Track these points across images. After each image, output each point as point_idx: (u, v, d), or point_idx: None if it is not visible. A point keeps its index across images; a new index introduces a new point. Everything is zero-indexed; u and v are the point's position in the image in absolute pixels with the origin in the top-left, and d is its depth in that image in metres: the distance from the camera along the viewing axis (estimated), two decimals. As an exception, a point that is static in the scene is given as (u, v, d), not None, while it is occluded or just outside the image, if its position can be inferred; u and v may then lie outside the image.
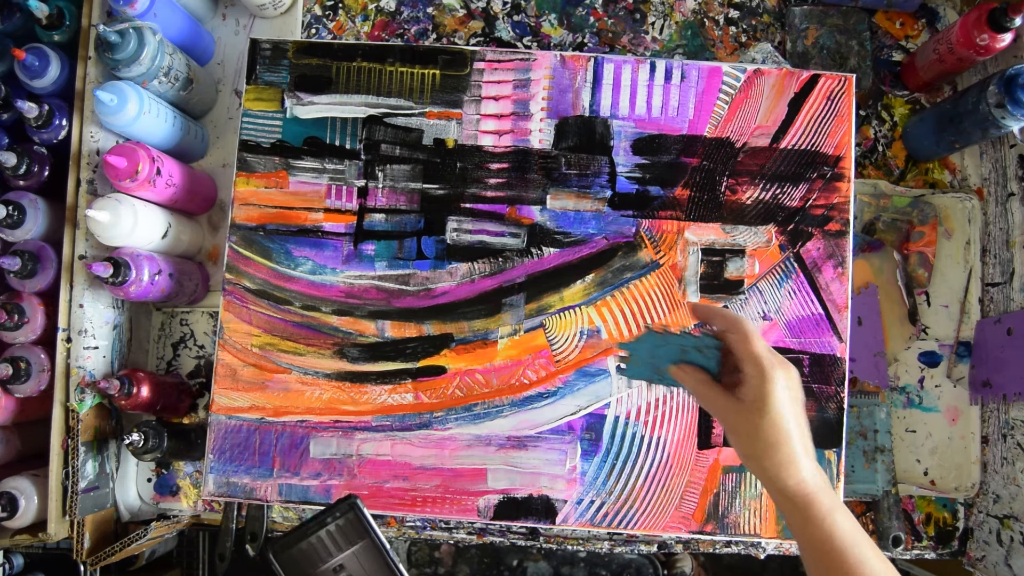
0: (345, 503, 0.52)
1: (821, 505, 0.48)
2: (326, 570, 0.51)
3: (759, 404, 0.49)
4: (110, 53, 0.65)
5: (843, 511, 0.49)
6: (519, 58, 0.71)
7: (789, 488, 0.49)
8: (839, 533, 0.48)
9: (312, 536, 0.51)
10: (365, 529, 0.52)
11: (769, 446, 0.50)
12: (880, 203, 0.77)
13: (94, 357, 0.69)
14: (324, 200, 0.70)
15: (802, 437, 0.50)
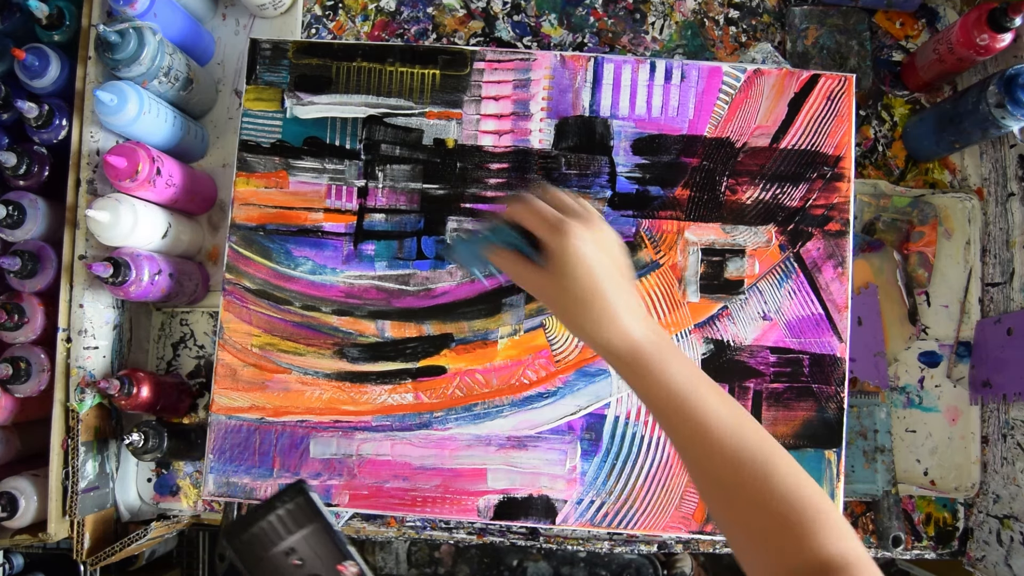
0: (294, 488, 0.53)
1: (651, 357, 0.47)
2: (277, 553, 0.52)
3: (558, 264, 0.48)
4: (110, 53, 0.65)
5: (679, 361, 0.47)
6: (519, 58, 0.71)
7: (615, 345, 0.48)
8: (675, 382, 0.47)
9: (263, 521, 0.52)
10: (314, 512, 0.53)
11: (579, 304, 0.48)
12: (880, 203, 0.77)
13: (94, 357, 0.69)
14: (324, 200, 0.70)
15: (620, 292, 0.48)
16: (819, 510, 0.43)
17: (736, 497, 0.45)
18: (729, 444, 0.46)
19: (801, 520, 0.43)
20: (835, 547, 0.41)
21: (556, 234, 0.48)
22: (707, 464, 0.46)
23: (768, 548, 0.44)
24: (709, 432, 0.46)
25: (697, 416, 0.46)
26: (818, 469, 0.67)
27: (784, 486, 0.44)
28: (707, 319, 0.69)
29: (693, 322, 0.69)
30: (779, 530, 0.43)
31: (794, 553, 0.42)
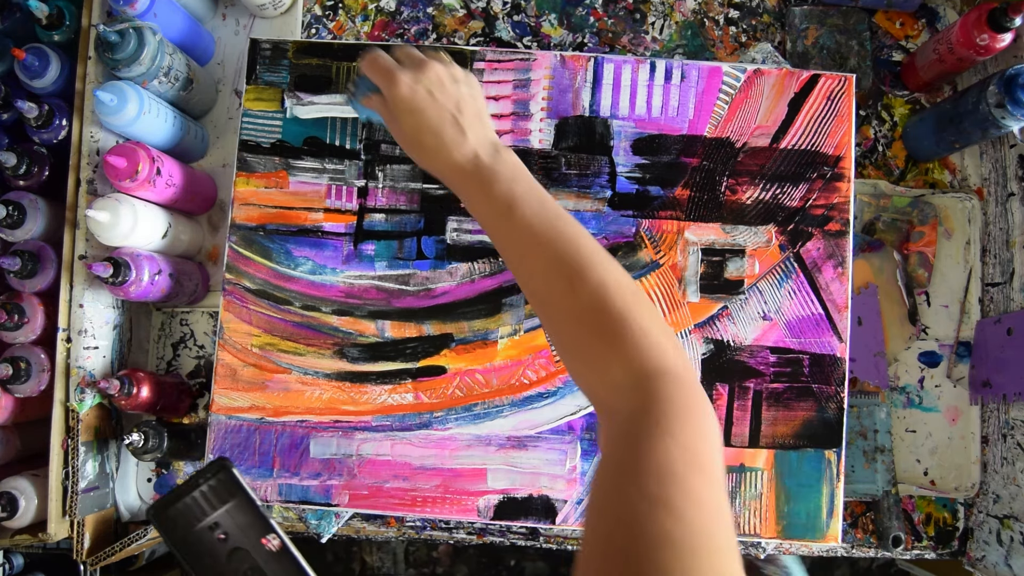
0: (216, 464, 0.55)
1: (470, 181, 0.52)
2: (203, 528, 0.54)
3: (391, 109, 0.56)
4: (110, 53, 0.65)
5: (504, 180, 0.51)
6: (519, 58, 0.71)
7: (459, 163, 0.53)
8: (496, 203, 0.51)
9: (187, 497, 0.54)
10: (236, 488, 0.55)
11: (411, 143, 0.56)
12: (880, 203, 0.78)
13: (94, 357, 0.69)
14: (324, 200, 0.70)
15: (459, 115, 0.54)
16: (631, 322, 0.44)
17: (553, 313, 0.48)
18: (543, 257, 0.48)
19: (617, 334, 0.44)
20: (652, 357, 0.43)
21: (386, 84, 0.56)
22: (527, 279, 0.50)
23: (588, 363, 0.46)
24: (525, 249, 0.49)
25: (514, 234, 0.50)
26: (818, 469, 0.67)
27: (596, 299, 0.45)
28: (707, 319, 0.69)
29: (693, 322, 0.69)
30: (596, 345, 0.45)
31: (613, 367, 0.43)
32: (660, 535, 0.33)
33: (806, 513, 0.67)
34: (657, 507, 0.35)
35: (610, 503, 0.37)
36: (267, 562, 0.55)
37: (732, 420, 0.68)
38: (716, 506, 0.36)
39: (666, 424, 0.39)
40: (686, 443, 0.38)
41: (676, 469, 0.36)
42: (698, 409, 0.41)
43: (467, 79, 0.58)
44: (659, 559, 0.33)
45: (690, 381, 0.42)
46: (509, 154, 0.55)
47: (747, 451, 0.67)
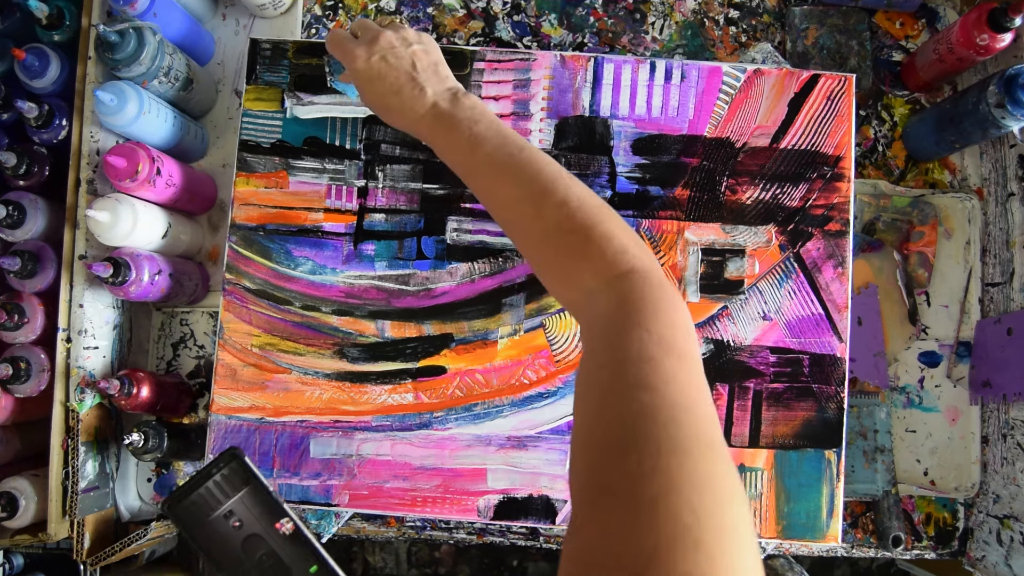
0: (227, 454, 0.57)
1: (435, 129, 0.56)
2: (217, 517, 0.56)
3: (354, 78, 0.60)
4: (110, 53, 0.65)
5: (480, 121, 0.54)
6: (519, 58, 0.71)
7: (421, 116, 0.56)
8: (456, 147, 0.54)
9: (201, 488, 0.56)
10: (249, 475, 0.57)
11: (378, 109, 0.60)
12: (880, 203, 0.77)
13: (94, 357, 0.69)
14: (324, 200, 0.70)
15: (415, 72, 0.57)
16: (595, 232, 0.47)
17: (525, 238, 0.51)
18: (508, 187, 0.51)
19: (583, 246, 0.47)
20: (619, 261, 0.45)
21: (346, 60, 0.60)
22: (498, 210, 0.53)
23: (562, 279, 0.49)
24: (491, 183, 0.52)
25: (480, 170, 0.53)
26: (818, 469, 0.67)
27: (560, 218, 0.48)
28: (707, 319, 0.69)
29: (693, 322, 0.69)
30: (566, 260, 0.48)
31: (584, 276, 0.46)
32: (640, 410, 0.35)
33: (806, 513, 0.67)
34: (635, 388, 0.36)
35: (592, 392, 0.39)
36: (282, 546, 0.57)
37: (732, 420, 0.68)
38: (693, 384, 0.38)
39: (637, 317, 0.41)
40: (659, 332, 0.40)
41: (651, 354, 0.38)
42: (667, 301, 0.43)
43: (419, 37, 0.61)
44: (642, 429, 0.34)
45: (657, 277, 0.45)
46: (468, 98, 0.57)
47: (747, 451, 0.67)
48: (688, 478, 0.32)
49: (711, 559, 0.29)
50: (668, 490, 0.31)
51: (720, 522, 0.30)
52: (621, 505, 0.31)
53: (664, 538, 0.29)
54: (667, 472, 0.32)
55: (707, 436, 0.34)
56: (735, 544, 0.30)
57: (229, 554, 0.57)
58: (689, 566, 0.28)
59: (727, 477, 0.33)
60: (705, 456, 0.33)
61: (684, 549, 0.29)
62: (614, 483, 0.33)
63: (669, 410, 0.35)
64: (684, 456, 0.33)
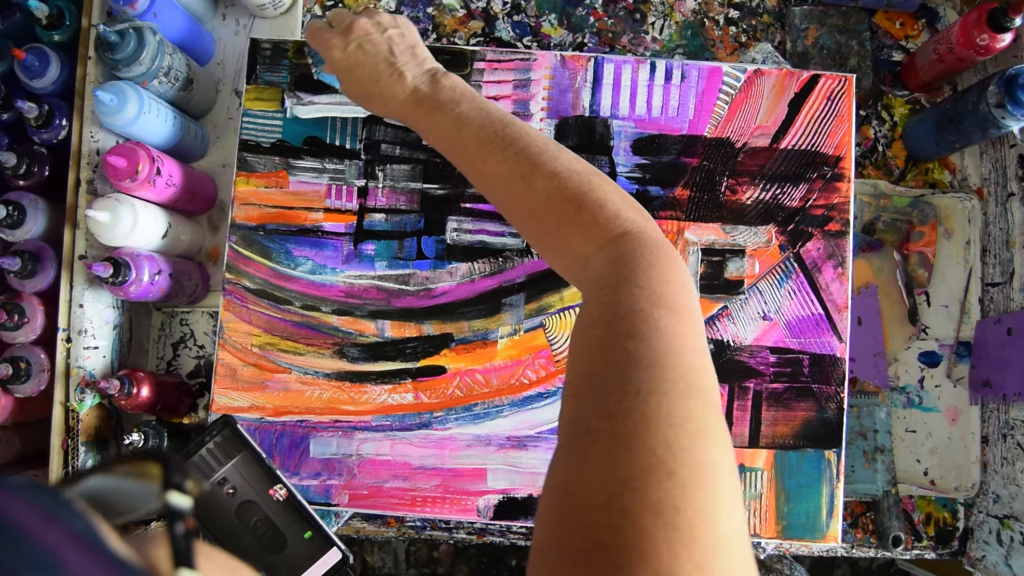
0: (220, 422, 0.58)
1: (417, 113, 0.56)
2: (212, 484, 0.57)
3: (333, 68, 0.60)
4: (110, 53, 0.65)
5: (445, 109, 0.54)
6: (519, 58, 0.71)
7: (403, 102, 0.56)
8: (439, 130, 0.54)
9: (195, 456, 0.57)
10: (242, 442, 0.58)
11: (359, 97, 0.60)
12: (880, 203, 0.77)
13: (94, 357, 0.69)
14: (324, 200, 0.70)
15: (392, 57, 0.57)
16: (586, 200, 0.47)
17: (518, 213, 0.51)
18: (496, 165, 0.51)
19: (575, 215, 0.47)
20: (611, 226, 0.45)
21: (324, 51, 0.60)
22: (489, 189, 0.53)
23: (558, 249, 0.49)
24: (479, 162, 0.52)
25: (467, 152, 0.53)
26: (818, 469, 0.67)
27: (550, 189, 0.48)
28: (707, 319, 0.69)
29: (693, 322, 0.69)
30: (559, 231, 0.48)
31: (577, 244, 0.47)
32: (624, 357, 0.35)
33: (806, 513, 0.67)
34: (622, 338, 0.37)
35: (582, 347, 0.39)
36: (276, 513, 0.58)
37: (732, 420, 0.68)
38: (683, 334, 0.38)
39: (628, 275, 0.41)
40: (650, 287, 0.40)
41: (640, 307, 0.38)
42: (661, 258, 0.43)
43: (394, 21, 0.61)
44: (625, 373, 0.34)
45: (650, 236, 0.45)
46: (448, 78, 0.57)
47: (747, 451, 0.67)
48: (666, 417, 0.32)
49: (683, 489, 0.29)
50: (645, 427, 0.31)
51: (696, 458, 0.30)
52: (599, 441, 0.32)
53: (637, 469, 0.29)
54: (644, 410, 0.32)
55: (690, 380, 0.34)
56: (710, 478, 0.30)
57: (224, 521, 0.57)
58: (662, 495, 0.28)
59: (707, 419, 0.33)
60: (686, 397, 0.33)
61: (657, 479, 0.29)
62: (593, 423, 0.33)
63: (653, 356, 0.35)
64: (663, 396, 0.33)
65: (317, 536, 0.58)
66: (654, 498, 0.28)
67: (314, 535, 0.58)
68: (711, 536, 0.28)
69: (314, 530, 0.58)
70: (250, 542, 0.57)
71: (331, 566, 0.58)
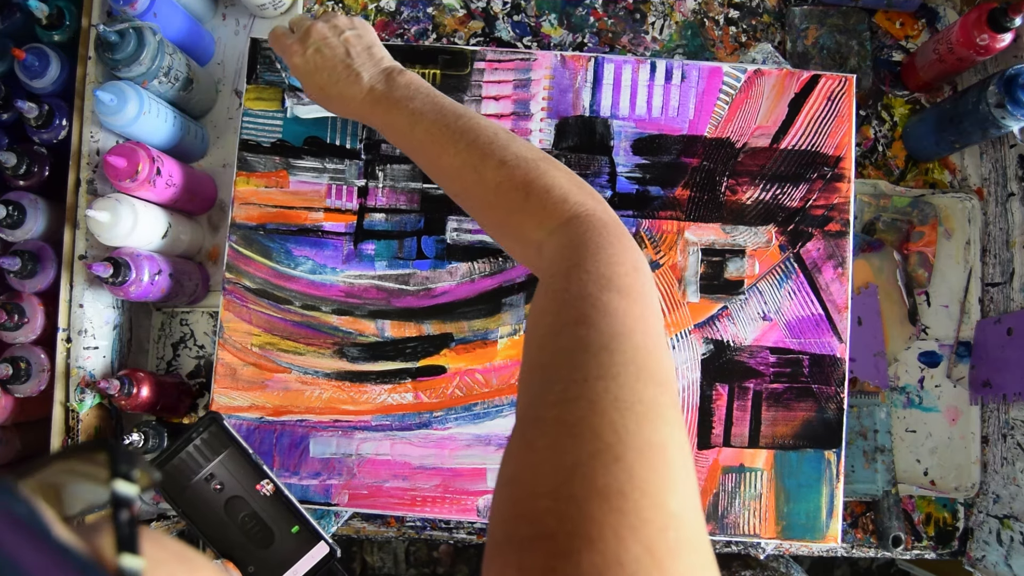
0: (207, 418, 0.58)
1: (374, 111, 0.57)
2: (199, 480, 0.58)
3: (295, 74, 0.61)
4: (110, 53, 0.65)
5: (401, 104, 0.55)
6: (519, 58, 0.71)
7: (361, 102, 0.57)
8: (396, 124, 0.55)
9: (182, 452, 0.58)
10: (228, 439, 0.58)
11: (321, 100, 0.61)
12: (880, 203, 0.77)
13: (94, 357, 0.69)
14: (324, 200, 0.70)
15: (349, 59, 0.58)
16: (535, 186, 0.47)
17: (473, 203, 0.52)
18: (449, 157, 0.52)
19: (524, 202, 0.47)
20: (559, 210, 0.46)
21: (285, 57, 0.61)
22: (445, 181, 0.54)
23: (511, 236, 0.50)
24: (433, 156, 0.53)
25: (423, 147, 0.54)
26: (818, 469, 0.67)
27: (500, 178, 0.49)
28: (707, 319, 0.69)
29: (693, 322, 0.69)
30: (511, 218, 0.48)
31: (528, 230, 0.47)
32: (573, 344, 0.35)
33: (806, 513, 0.67)
34: (571, 325, 0.37)
35: (534, 334, 0.39)
36: (263, 507, 0.59)
37: (732, 420, 0.68)
38: (633, 315, 0.37)
39: (576, 259, 0.41)
40: (598, 271, 0.40)
41: (588, 291, 0.38)
42: (611, 240, 0.43)
43: (351, 23, 0.62)
44: (573, 360, 0.34)
45: (599, 219, 0.45)
46: (403, 75, 0.58)
47: (747, 451, 0.67)
48: (613, 401, 0.32)
49: (630, 472, 0.29)
50: (592, 412, 0.31)
51: (644, 439, 0.30)
52: (546, 430, 0.32)
53: (584, 455, 0.30)
54: (591, 396, 0.32)
55: (640, 362, 0.34)
56: (659, 460, 0.30)
57: (212, 516, 0.58)
58: (609, 479, 0.29)
59: (655, 400, 0.33)
60: (635, 380, 0.33)
61: (604, 464, 0.29)
62: (541, 411, 0.33)
63: (604, 340, 0.35)
64: (610, 380, 0.33)
65: (304, 530, 0.58)
66: (601, 483, 0.28)
67: (301, 529, 0.58)
68: (659, 516, 0.28)
69: (301, 525, 0.58)
70: (238, 537, 0.58)
71: (318, 560, 0.58)
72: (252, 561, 0.58)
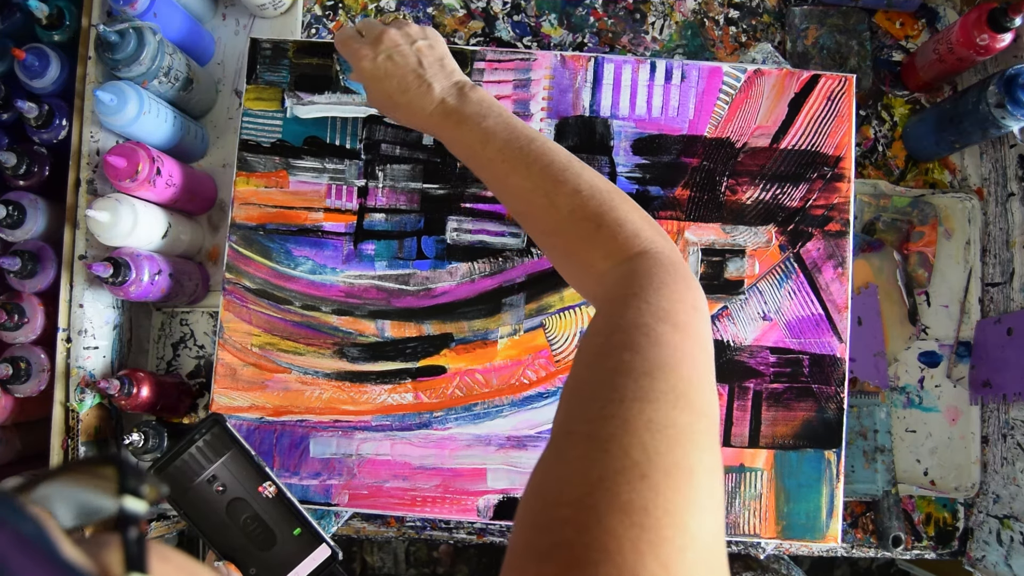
0: (209, 420, 0.59)
1: (443, 125, 0.56)
2: (201, 482, 0.58)
3: (361, 79, 0.60)
4: (110, 53, 0.65)
5: (472, 120, 0.55)
6: (519, 58, 0.71)
7: (430, 114, 0.57)
8: (465, 142, 0.55)
9: (184, 454, 0.58)
10: (231, 440, 0.59)
11: (384, 107, 0.61)
12: (880, 203, 0.77)
13: (94, 357, 0.69)
14: (324, 200, 0.70)
15: (421, 69, 0.58)
16: (607, 218, 0.47)
17: (540, 228, 0.52)
18: (520, 180, 0.52)
19: (595, 232, 0.47)
20: (630, 244, 0.46)
21: (353, 61, 0.60)
22: (512, 203, 0.53)
23: (577, 265, 0.49)
24: (503, 176, 0.53)
25: (492, 165, 0.54)
26: (818, 469, 0.67)
27: (572, 206, 0.49)
28: (707, 319, 0.69)
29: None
30: (579, 247, 0.48)
31: (596, 261, 0.47)
32: (618, 367, 0.35)
33: (806, 513, 0.67)
34: (620, 349, 0.37)
35: (584, 353, 0.40)
36: (265, 509, 0.59)
37: (732, 420, 0.68)
38: (684, 351, 0.37)
39: (640, 292, 0.41)
40: (658, 303, 0.40)
41: (644, 321, 0.38)
42: (675, 279, 0.43)
43: (423, 32, 0.61)
44: (615, 382, 0.34)
45: (667, 257, 0.45)
46: (476, 91, 0.57)
47: (747, 451, 0.67)
48: (646, 423, 0.32)
49: (655, 491, 0.29)
50: (623, 431, 0.31)
51: (672, 461, 0.30)
52: (578, 444, 0.32)
53: (610, 471, 0.30)
54: (625, 416, 0.32)
55: (680, 391, 0.34)
56: (684, 481, 0.30)
57: (214, 518, 0.58)
58: (632, 495, 0.29)
59: (690, 426, 0.33)
60: (671, 407, 0.33)
61: (629, 480, 0.29)
62: (576, 426, 0.33)
63: (648, 367, 0.35)
64: (646, 404, 0.33)
65: (306, 533, 0.58)
66: (624, 498, 0.28)
67: (303, 532, 0.58)
68: (679, 537, 0.28)
69: (303, 527, 0.58)
70: (240, 539, 0.58)
71: (320, 562, 0.58)
72: (254, 563, 0.58)
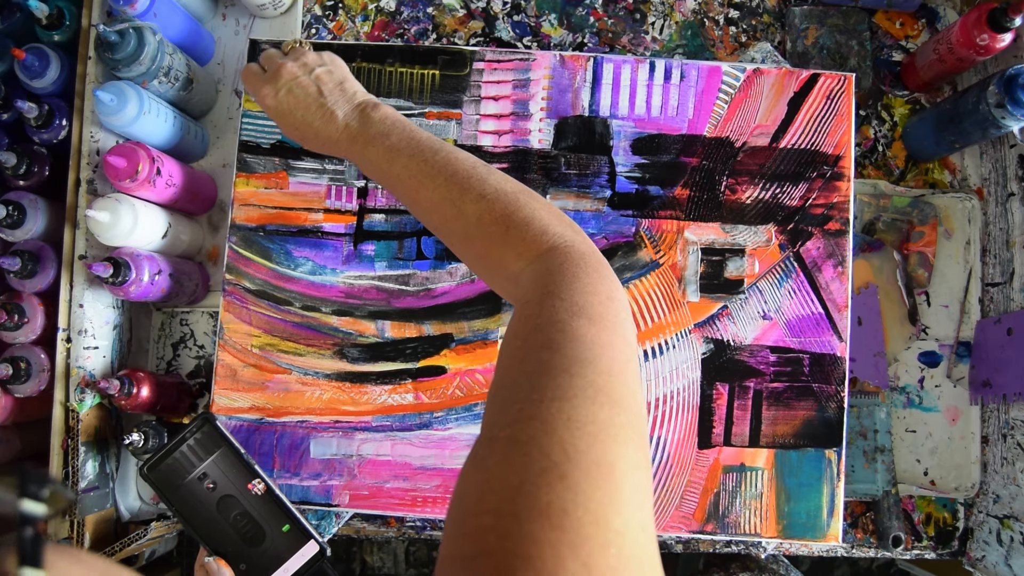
0: (200, 418, 0.60)
1: (351, 146, 0.56)
2: (192, 479, 0.59)
3: (269, 115, 0.61)
4: (110, 53, 0.65)
5: (379, 140, 0.55)
6: (519, 58, 0.71)
7: (337, 140, 0.57)
8: (374, 157, 0.55)
9: (175, 452, 0.59)
10: (221, 438, 0.60)
11: (298, 128, 0.59)
12: (880, 203, 0.78)
13: (94, 357, 0.69)
14: (324, 200, 0.70)
15: (322, 98, 0.58)
16: (514, 219, 0.48)
17: (452, 237, 0.52)
18: (427, 193, 0.52)
19: (504, 235, 0.47)
20: (538, 242, 0.46)
21: (257, 99, 0.61)
22: (424, 216, 0.54)
23: (491, 269, 0.50)
24: (412, 191, 0.53)
25: (401, 183, 0.53)
26: (818, 469, 0.67)
27: (479, 212, 0.49)
28: (707, 319, 0.69)
29: (693, 321, 0.69)
30: (491, 251, 0.49)
31: (508, 263, 0.47)
32: (536, 367, 0.35)
33: (806, 513, 0.67)
34: (538, 348, 0.37)
35: (503, 357, 0.40)
36: (255, 506, 0.60)
37: (732, 420, 0.68)
38: (602, 343, 0.37)
39: (552, 288, 0.41)
40: (571, 298, 0.40)
41: (559, 317, 0.38)
42: (585, 271, 0.43)
43: (320, 59, 0.61)
44: (533, 383, 0.34)
45: (577, 250, 0.45)
46: (378, 110, 0.58)
47: (747, 451, 0.67)
48: (565, 422, 0.32)
49: (575, 491, 0.29)
50: (543, 432, 0.31)
51: (592, 459, 0.30)
52: (499, 449, 0.32)
53: (531, 474, 0.30)
54: (544, 416, 0.32)
55: (599, 385, 0.34)
56: (606, 479, 0.30)
57: (204, 515, 0.59)
58: (552, 497, 0.28)
59: (610, 421, 0.33)
60: (591, 402, 0.33)
61: (548, 483, 0.29)
62: (497, 431, 0.33)
63: (566, 363, 0.35)
64: (565, 402, 0.33)
65: (295, 529, 0.59)
66: (544, 501, 0.28)
67: (292, 528, 0.59)
68: (600, 534, 0.28)
69: (292, 523, 0.59)
70: (230, 535, 0.59)
71: (309, 558, 0.59)
72: (244, 559, 0.59)
